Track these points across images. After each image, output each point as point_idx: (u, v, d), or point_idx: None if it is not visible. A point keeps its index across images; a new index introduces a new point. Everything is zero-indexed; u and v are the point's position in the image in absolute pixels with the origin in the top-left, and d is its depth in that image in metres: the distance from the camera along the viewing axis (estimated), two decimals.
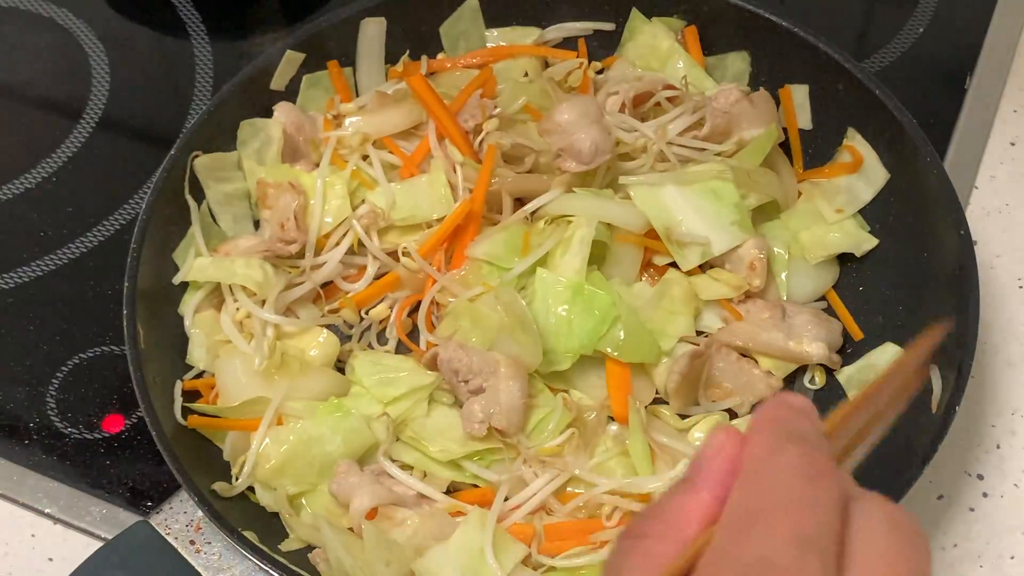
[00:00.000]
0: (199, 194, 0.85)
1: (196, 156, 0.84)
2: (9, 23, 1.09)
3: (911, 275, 0.82)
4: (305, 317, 0.82)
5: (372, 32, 0.92)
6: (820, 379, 0.82)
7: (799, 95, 0.90)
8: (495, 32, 0.96)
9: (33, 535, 0.78)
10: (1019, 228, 0.92)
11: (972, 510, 0.78)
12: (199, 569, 0.74)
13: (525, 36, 0.96)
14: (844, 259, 0.86)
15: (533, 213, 0.83)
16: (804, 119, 0.91)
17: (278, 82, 0.90)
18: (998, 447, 0.81)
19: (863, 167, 0.86)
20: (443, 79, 0.92)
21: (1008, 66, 1.03)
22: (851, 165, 0.86)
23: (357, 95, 0.93)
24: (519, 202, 0.85)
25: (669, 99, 0.88)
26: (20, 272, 0.91)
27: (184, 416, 0.76)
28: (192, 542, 0.76)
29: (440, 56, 0.95)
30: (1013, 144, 0.98)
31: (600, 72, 0.94)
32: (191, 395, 0.79)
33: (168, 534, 0.75)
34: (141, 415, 0.82)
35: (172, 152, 0.82)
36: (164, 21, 1.09)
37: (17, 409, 0.83)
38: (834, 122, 0.89)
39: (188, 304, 0.82)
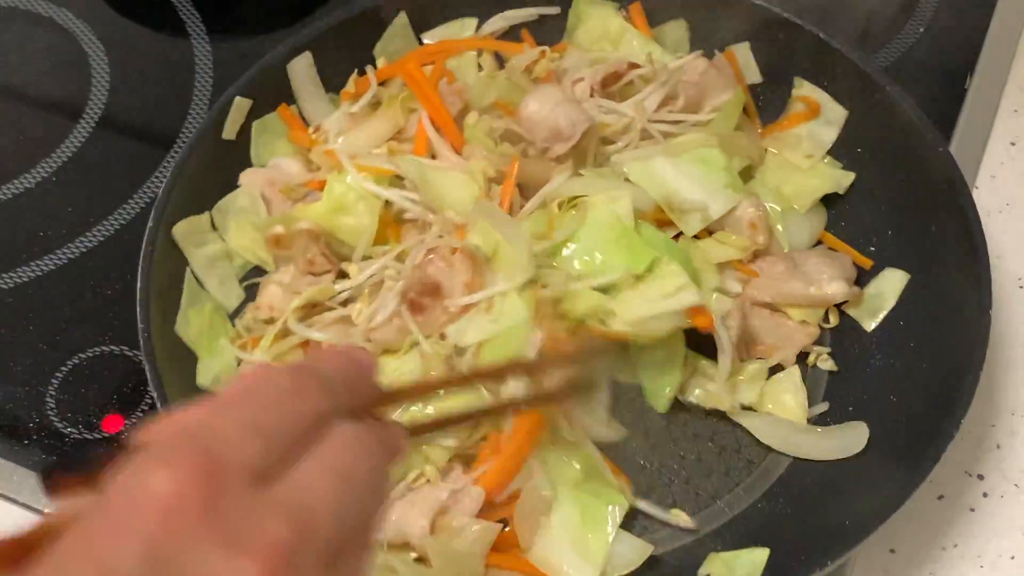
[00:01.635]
0: (183, 262, 0.83)
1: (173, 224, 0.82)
2: (9, 23, 1.09)
3: (893, 199, 0.86)
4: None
5: (301, 69, 0.90)
6: (834, 319, 0.84)
7: (742, 54, 0.93)
8: (433, 36, 0.95)
9: None
10: (1019, 228, 0.92)
11: (972, 510, 0.78)
12: None
13: (462, 29, 0.96)
14: (826, 198, 0.89)
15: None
16: (752, 74, 0.93)
17: (229, 131, 0.88)
18: (998, 447, 0.81)
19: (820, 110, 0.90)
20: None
21: (1008, 66, 1.03)
22: (808, 113, 0.90)
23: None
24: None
25: (641, 78, 0.88)
26: (20, 272, 0.91)
27: None
28: None
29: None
30: (1013, 144, 0.98)
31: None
32: None
33: None
34: (141, 415, 0.82)
35: (150, 224, 0.80)
36: (164, 21, 1.09)
37: (17, 409, 0.83)
38: (781, 72, 0.92)
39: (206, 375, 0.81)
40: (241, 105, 0.88)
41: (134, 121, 1.02)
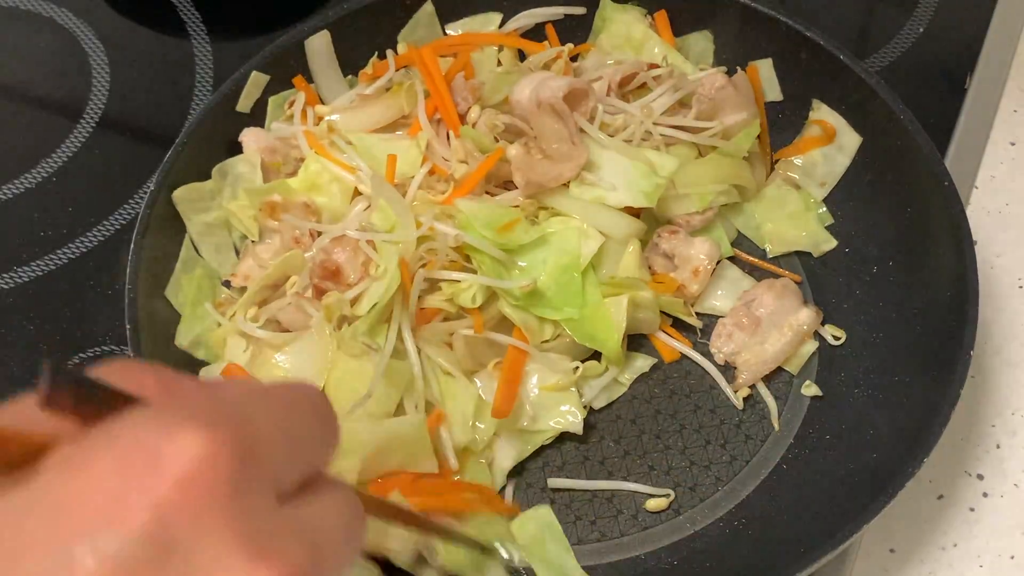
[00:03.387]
0: (180, 228, 0.84)
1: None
2: (9, 23, 1.09)
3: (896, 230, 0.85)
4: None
5: (318, 47, 0.91)
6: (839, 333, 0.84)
7: (765, 69, 0.92)
8: (457, 27, 0.95)
9: None
10: (1019, 228, 0.92)
11: (972, 510, 0.78)
12: None
13: (486, 23, 0.95)
14: None
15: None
16: (773, 92, 0.92)
17: (244, 104, 0.89)
18: (998, 447, 0.81)
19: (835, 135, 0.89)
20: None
21: (1008, 66, 1.03)
22: (824, 138, 0.88)
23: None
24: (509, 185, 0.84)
25: (655, 79, 0.88)
26: (20, 272, 0.91)
27: None
28: None
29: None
30: (1013, 144, 0.98)
31: (574, 59, 0.93)
32: None
33: None
34: None
35: (152, 188, 0.81)
36: (164, 21, 1.09)
37: None
38: (800, 92, 0.90)
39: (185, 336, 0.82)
40: (258, 80, 0.88)
41: (134, 121, 1.02)
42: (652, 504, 0.77)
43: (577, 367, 0.78)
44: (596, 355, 0.80)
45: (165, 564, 0.29)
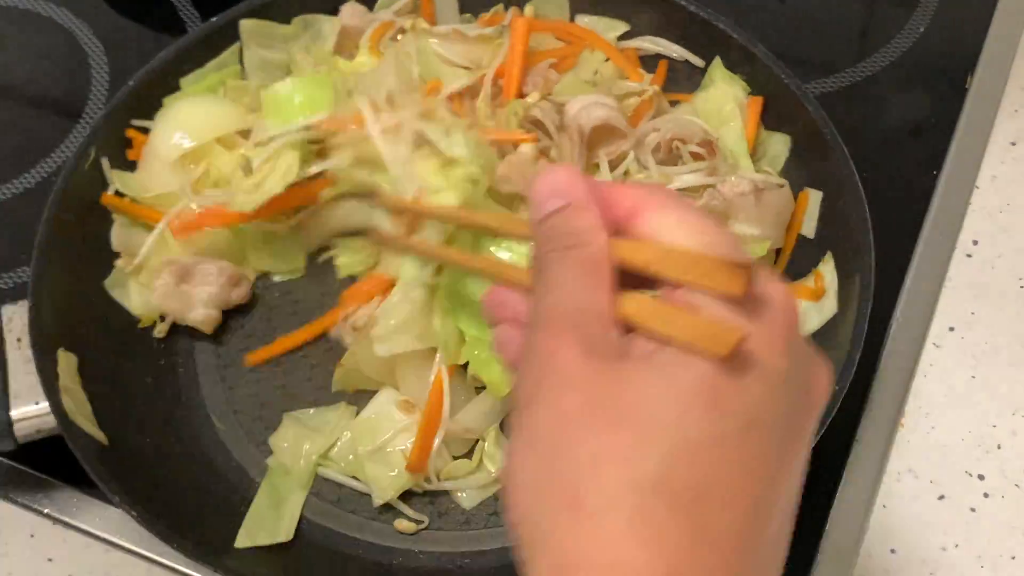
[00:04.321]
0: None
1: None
2: (8, 23, 1.09)
3: None
4: None
5: None
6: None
7: (813, 200, 0.84)
8: (584, 20, 0.95)
9: (32, 535, 0.78)
10: (1020, 228, 0.92)
11: (972, 510, 0.78)
12: None
13: (611, 28, 0.94)
14: None
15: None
16: (809, 227, 0.84)
17: None
18: (999, 447, 0.81)
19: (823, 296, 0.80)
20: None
21: (1009, 66, 1.02)
22: (811, 292, 0.80)
23: None
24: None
25: (692, 154, 0.83)
26: (20, 272, 0.91)
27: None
28: None
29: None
30: (1014, 144, 0.98)
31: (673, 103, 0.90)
32: None
33: None
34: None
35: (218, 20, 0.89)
36: (164, 21, 1.09)
37: None
38: (827, 242, 0.82)
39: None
40: None
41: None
42: None
43: None
44: None
45: None
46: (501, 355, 0.48)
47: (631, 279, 0.43)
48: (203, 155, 0.85)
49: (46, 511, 0.78)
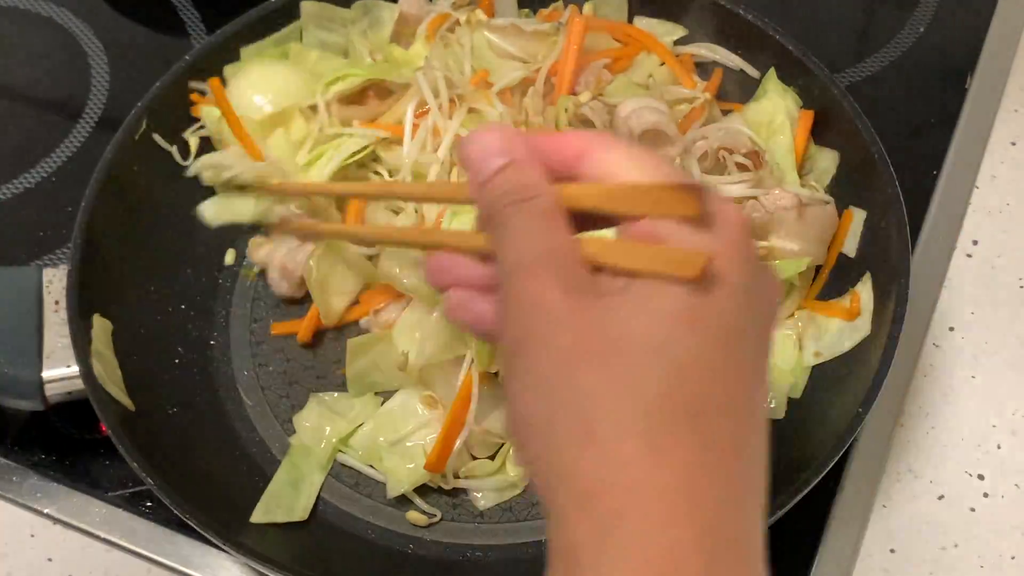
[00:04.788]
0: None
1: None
2: (8, 23, 1.09)
3: None
4: None
5: None
6: None
7: (857, 219, 0.82)
8: (642, 22, 0.94)
9: (32, 535, 0.78)
10: (1020, 228, 0.92)
11: (972, 510, 0.78)
12: None
13: (669, 32, 0.93)
14: None
15: None
16: (850, 246, 0.82)
17: None
18: (999, 447, 0.81)
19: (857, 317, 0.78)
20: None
21: (1009, 66, 1.02)
22: (846, 312, 0.78)
23: None
24: None
25: (738, 165, 0.81)
26: None
27: None
28: None
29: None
30: (1014, 144, 0.98)
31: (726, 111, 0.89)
32: None
33: None
34: None
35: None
36: (164, 21, 1.09)
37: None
38: (868, 261, 0.80)
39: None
40: None
41: None
42: None
43: None
44: None
45: None
46: (454, 320, 0.50)
47: (586, 223, 0.45)
48: (282, 121, 0.86)
49: (46, 511, 0.78)
